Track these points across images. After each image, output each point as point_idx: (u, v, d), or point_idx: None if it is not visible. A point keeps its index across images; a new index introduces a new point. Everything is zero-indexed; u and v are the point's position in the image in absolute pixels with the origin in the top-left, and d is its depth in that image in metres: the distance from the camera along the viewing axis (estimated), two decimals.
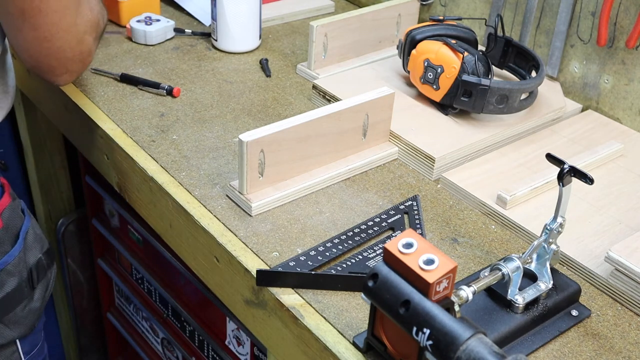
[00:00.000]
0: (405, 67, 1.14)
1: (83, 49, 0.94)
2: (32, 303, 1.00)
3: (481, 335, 0.61)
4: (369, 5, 1.33)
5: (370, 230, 0.89)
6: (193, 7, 1.41)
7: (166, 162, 1.00)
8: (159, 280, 1.34)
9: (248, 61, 1.27)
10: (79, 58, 0.94)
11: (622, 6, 1.07)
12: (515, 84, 1.04)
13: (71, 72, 0.95)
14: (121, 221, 1.39)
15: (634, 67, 1.09)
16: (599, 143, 1.06)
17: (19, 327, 0.99)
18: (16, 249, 0.95)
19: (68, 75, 0.95)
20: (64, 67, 0.93)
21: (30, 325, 1.01)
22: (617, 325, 0.79)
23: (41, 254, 1.01)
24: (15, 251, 0.95)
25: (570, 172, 0.75)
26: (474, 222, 0.93)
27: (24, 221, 0.99)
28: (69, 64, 0.93)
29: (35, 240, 1.00)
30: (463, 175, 0.99)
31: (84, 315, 1.70)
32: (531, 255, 0.79)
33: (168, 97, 1.14)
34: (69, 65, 0.94)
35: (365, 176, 1.00)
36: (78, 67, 0.96)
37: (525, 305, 0.77)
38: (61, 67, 0.93)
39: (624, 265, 0.80)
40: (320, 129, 0.94)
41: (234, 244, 0.87)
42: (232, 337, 1.18)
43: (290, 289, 0.81)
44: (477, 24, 1.29)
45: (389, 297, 0.65)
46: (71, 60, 0.93)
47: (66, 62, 0.93)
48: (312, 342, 0.77)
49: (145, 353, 1.51)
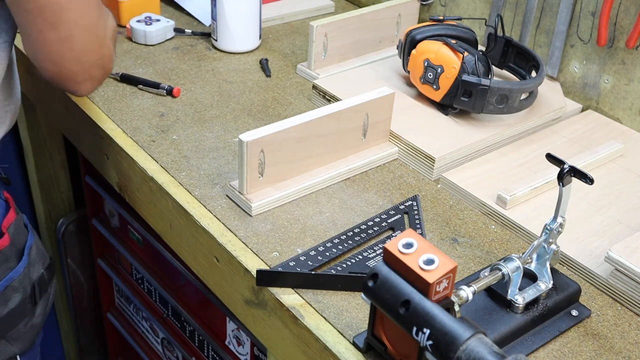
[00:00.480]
0: (405, 67, 1.14)
1: (104, 52, 0.90)
2: (34, 319, 0.99)
3: (481, 335, 0.61)
4: (369, 5, 1.33)
5: (370, 230, 0.89)
6: (193, 7, 1.41)
7: (166, 162, 1.00)
8: (159, 280, 1.34)
9: (248, 61, 1.27)
10: (101, 63, 0.90)
11: (622, 6, 1.07)
12: (515, 84, 1.04)
13: (93, 78, 0.90)
14: (121, 221, 1.39)
15: (634, 67, 1.09)
16: (599, 143, 1.06)
17: (20, 343, 0.98)
18: (21, 264, 0.94)
19: (90, 82, 0.90)
20: (86, 72, 0.88)
21: (30, 340, 1.00)
22: (617, 325, 0.79)
23: (43, 269, 1.00)
24: (21, 267, 0.94)
25: (570, 172, 0.75)
26: (474, 222, 0.93)
27: (27, 236, 0.98)
28: (91, 69, 0.89)
29: (38, 255, 0.99)
30: (463, 175, 0.99)
31: (84, 315, 1.70)
32: (531, 255, 0.79)
33: (168, 97, 1.15)
34: (91, 70, 0.89)
35: (365, 176, 1.00)
36: (100, 73, 0.91)
37: (525, 305, 0.77)
38: (83, 73, 0.88)
39: (624, 265, 0.80)
40: (320, 129, 0.94)
41: (234, 244, 0.87)
42: (232, 337, 1.18)
43: (290, 289, 0.81)
44: (477, 24, 1.29)
45: (389, 297, 0.65)
46: (94, 66, 0.89)
47: (89, 67, 0.88)
48: (312, 342, 0.77)
49: (145, 353, 1.51)
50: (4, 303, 0.93)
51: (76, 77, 0.88)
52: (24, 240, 0.97)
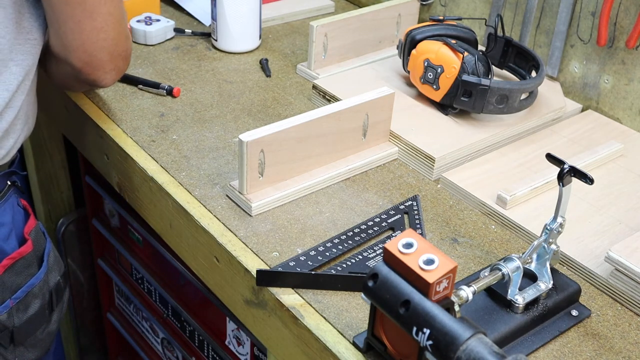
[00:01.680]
0: (405, 67, 1.14)
1: (129, 45, 0.95)
2: (50, 325, 1.00)
3: (481, 335, 0.61)
4: (369, 5, 1.33)
5: (370, 230, 0.89)
6: (193, 7, 1.41)
7: (166, 162, 1.00)
8: (159, 280, 1.34)
9: (248, 61, 1.27)
10: (125, 55, 0.95)
11: (622, 6, 1.07)
12: (515, 84, 1.04)
13: (118, 69, 0.95)
14: (121, 221, 1.39)
15: (634, 67, 1.09)
16: (599, 143, 1.06)
17: (38, 350, 0.99)
18: (42, 271, 0.95)
19: (116, 72, 0.95)
20: (114, 62, 0.93)
21: (46, 347, 1.01)
22: (617, 325, 0.79)
23: (59, 276, 1.00)
24: (41, 273, 0.95)
25: (570, 172, 0.75)
26: (474, 222, 0.93)
27: (46, 243, 0.99)
28: (118, 60, 0.94)
29: (55, 262, 1.00)
30: (463, 175, 0.99)
31: (84, 315, 1.70)
32: (531, 255, 0.79)
33: (168, 97, 1.14)
34: (117, 61, 0.94)
35: (365, 176, 1.00)
36: (123, 65, 0.96)
37: (525, 305, 0.77)
38: (111, 63, 0.93)
39: (624, 265, 0.80)
40: (320, 129, 0.94)
41: (234, 244, 0.87)
42: (232, 337, 1.18)
43: (290, 289, 0.81)
44: (477, 24, 1.29)
45: (389, 297, 0.65)
46: (120, 56, 0.94)
47: (117, 57, 0.93)
48: (312, 342, 0.77)
49: (145, 353, 1.51)
50: (25, 309, 0.94)
51: (105, 67, 0.93)
52: (43, 247, 0.98)
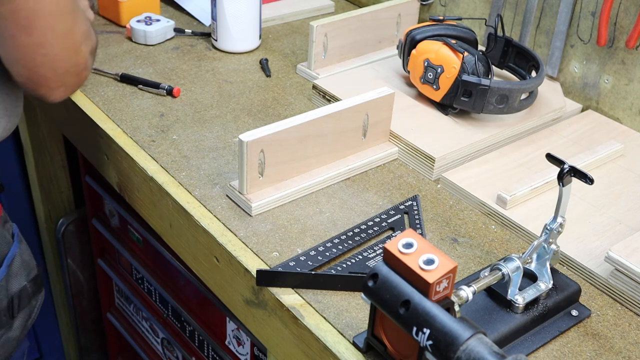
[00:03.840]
0: (405, 67, 1.14)
1: (79, 60, 0.87)
2: (10, 332, 0.96)
3: (481, 335, 0.61)
4: (369, 5, 1.33)
5: (370, 230, 0.89)
6: (193, 7, 1.41)
7: (166, 162, 1.00)
8: (159, 280, 1.34)
9: (248, 61, 1.27)
10: (75, 70, 0.87)
11: (622, 6, 1.07)
12: (515, 84, 1.04)
13: (66, 86, 0.87)
14: (121, 221, 1.39)
15: (634, 67, 1.09)
16: (599, 143, 1.06)
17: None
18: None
19: (63, 89, 0.87)
20: (59, 79, 0.86)
21: (6, 354, 0.97)
22: (617, 325, 0.79)
23: (27, 281, 0.97)
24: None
25: (570, 172, 0.75)
26: (474, 222, 0.93)
27: (11, 247, 0.95)
28: (65, 76, 0.86)
29: (22, 267, 0.96)
30: (463, 175, 0.99)
31: (84, 315, 1.70)
32: (531, 255, 0.79)
33: (168, 97, 1.15)
34: (64, 77, 0.86)
35: (365, 176, 1.00)
36: (74, 80, 0.88)
37: (525, 305, 0.77)
38: (57, 80, 0.86)
39: (624, 265, 0.80)
40: (320, 129, 0.94)
41: (234, 244, 0.87)
42: (232, 337, 1.18)
43: (290, 289, 0.81)
44: (477, 24, 1.29)
45: (389, 297, 0.65)
46: (67, 73, 0.86)
47: (62, 73, 0.85)
48: (312, 342, 0.77)
49: (145, 353, 1.51)
50: None
51: (49, 84, 0.86)
52: (5, 252, 0.94)
